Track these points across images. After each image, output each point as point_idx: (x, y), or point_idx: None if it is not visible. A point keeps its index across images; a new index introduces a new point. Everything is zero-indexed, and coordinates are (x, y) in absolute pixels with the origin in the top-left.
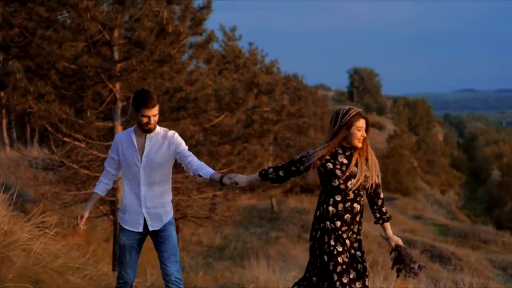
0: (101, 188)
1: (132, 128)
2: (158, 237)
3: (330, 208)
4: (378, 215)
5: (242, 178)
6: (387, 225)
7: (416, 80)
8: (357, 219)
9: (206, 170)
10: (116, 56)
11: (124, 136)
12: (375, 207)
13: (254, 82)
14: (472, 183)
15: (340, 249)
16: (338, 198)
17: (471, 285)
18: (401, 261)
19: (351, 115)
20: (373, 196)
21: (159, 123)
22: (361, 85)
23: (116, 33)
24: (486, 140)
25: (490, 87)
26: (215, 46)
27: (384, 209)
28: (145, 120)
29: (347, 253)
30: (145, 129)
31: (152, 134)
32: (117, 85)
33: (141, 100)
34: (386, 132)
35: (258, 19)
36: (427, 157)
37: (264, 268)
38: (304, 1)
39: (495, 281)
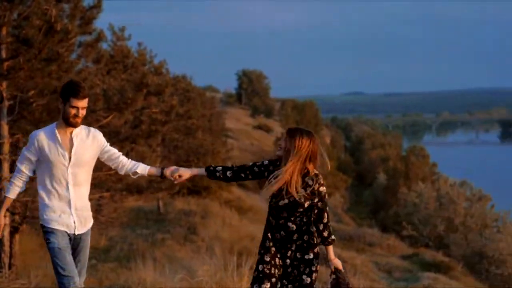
0: (14, 192)
1: (53, 124)
2: (77, 244)
3: (271, 219)
4: (319, 238)
5: (186, 171)
6: (329, 248)
7: (304, 83)
8: (294, 237)
9: (142, 167)
10: (4, 55)
11: (45, 133)
12: (316, 230)
13: (144, 83)
14: (358, 186)
15: (267, 258)
16: (274, 212)
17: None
18: (337, 287)
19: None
20: (315, 219)
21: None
22: (250, 87)
23: (4, 31)
24: (373, 144)
25: (377, 91)
26: (104, 45)
27: (325, 234)
28: (73, 112)
29: (273, 267)
30: (71, 123)
31: (78, 130)
32: (4, 84)
33: (71, 90)
34: (274, 135)
35: (145, 19)
36: None
37: (151, 270)
38: (192, 0)
39: (380, 283)
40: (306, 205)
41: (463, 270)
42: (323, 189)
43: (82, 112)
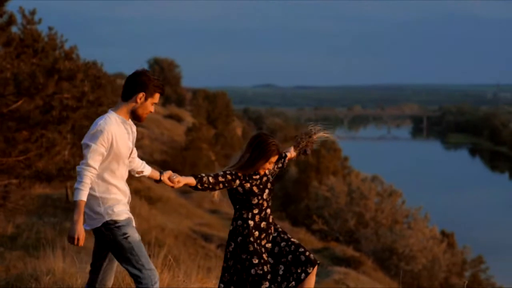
0: (87, 194)
1: (113, 114)
2: None
3: (250, 222)
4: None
5: (182, 178)
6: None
7: (217, 73)
8: (270, 220)
9: (147, 167)
10: None
11: (115, 126)
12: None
13: (55, 68)
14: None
15: (255, 261)
16: (256, 211)
17: None
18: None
19: (270, 150)
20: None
21: None
22: (161, 76)
23: None
24: (285, 136)
25: (289, 84)
26: (13, 29)
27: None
28: (152, 109)
29: (264, 265)
30: (142, 119)
31: (130, 120)
32: None
33: (158, 86)
34: (185, 125)
35: (56, 5)
36: (225, 151)
37: (60, 259)
38: None
39: None
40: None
41: (373, 265)
42: None
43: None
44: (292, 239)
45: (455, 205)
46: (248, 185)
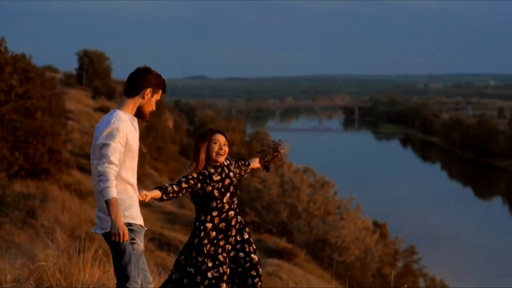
0: (115, 191)
1: (120, 112)
2: None
3: (208, 225)
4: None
5: (149, 192)
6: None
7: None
8: (233, 223)
9: None
10: None
11: (126, 122)
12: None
13: None
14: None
15: (210, 264)
16: (215, 213)
17: None
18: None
19: (208, 131)
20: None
21: None
22: (91, 68)
23: None
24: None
25: (220, 75)
26: None
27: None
28: (154, 106)
29: (220, 267)
30: (146, 116)
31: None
32: None
33: (162, 82)
34: None
35: None
36: (156, 143)
37: None
38: None
39: None
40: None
41: (306, 257)
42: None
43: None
44: (252, 255)
45: (387, 196)
46: (209, 188)
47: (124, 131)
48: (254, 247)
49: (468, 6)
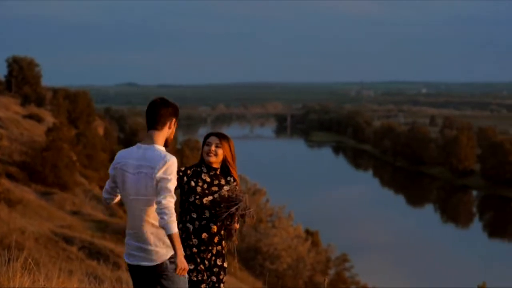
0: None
1: (159, 146)
2: None
3: (188, 225)
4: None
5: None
6: None
7: (78, 72)
8: (216, 240)
9: None
10: None
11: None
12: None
13: None
14: None
15: (192, 266)
16: (194, 215)
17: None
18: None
19: (206, 136)
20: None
21: None
22: (20, 75)
23: None
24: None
25: (151, 82)
26: None
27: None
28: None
29: (199, 274)
30: (169, 144)
31: None
32: None
33: (178, 108)
34: (45, 125)
35: None
36: (86, 150)
37: None
38: None
39: None
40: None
41: (238, 265)
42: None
43: None
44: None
45: (319, 204)
46: (193, 183)
47: (176, 166)
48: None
49: (401, 13)
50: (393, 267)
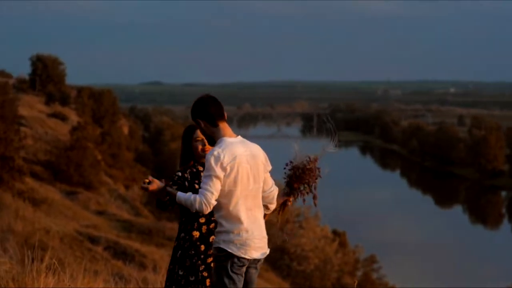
0: None
1: None
2: None
3: (195, 233)
4: None
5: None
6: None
7: (102, 71)
8: (211, 240)
9: None
10: None
11: None
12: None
13: None
14: (158, 178)
15: (192, 278)
16: (202, 220)
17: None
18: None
19: (192, 129)
20: None
21: None
22: (44, 73)
23: None
24: (172, 135)
25: (177, 81)
26: None
27: None
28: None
29: (200, 284)
30: None
31: None
32: None
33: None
34: (69, 123)
35: None
36: (111, 150)
37: None
38: None
39: None
40: None
41: (265, 266)
42: None
43: None
44: None
45: (346, 204)
46: (196, 186)
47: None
48: None
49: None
50: (421, 268)
